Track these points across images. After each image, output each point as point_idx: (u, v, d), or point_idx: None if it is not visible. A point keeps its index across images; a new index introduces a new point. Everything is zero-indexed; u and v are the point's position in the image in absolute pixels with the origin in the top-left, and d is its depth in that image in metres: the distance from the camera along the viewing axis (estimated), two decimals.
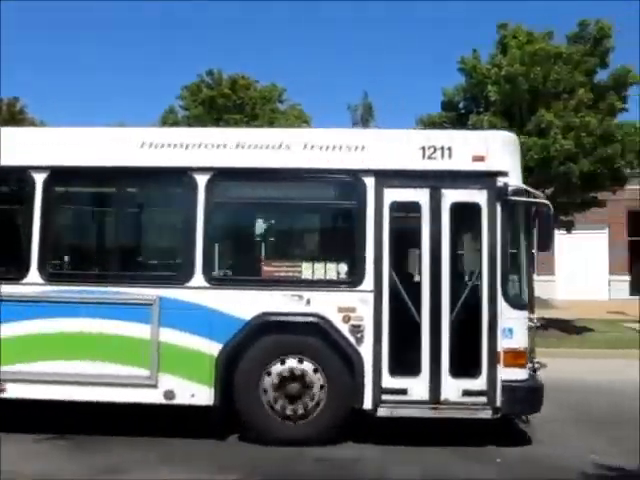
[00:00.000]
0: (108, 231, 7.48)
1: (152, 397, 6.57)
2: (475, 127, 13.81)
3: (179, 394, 6.56)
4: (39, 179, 6.64)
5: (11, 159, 6.63)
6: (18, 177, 6.89)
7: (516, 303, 6.58)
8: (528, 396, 6.52)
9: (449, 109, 16.43)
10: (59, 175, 6.76)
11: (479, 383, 6.49)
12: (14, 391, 6.53)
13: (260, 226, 7.48)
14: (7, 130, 7.33)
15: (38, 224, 6.62)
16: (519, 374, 6.51)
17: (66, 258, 7.09)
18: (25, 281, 6.58)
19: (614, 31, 15.10)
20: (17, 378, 6.51)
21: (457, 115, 16.16)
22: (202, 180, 6.63)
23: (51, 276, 6.64)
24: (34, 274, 6.58)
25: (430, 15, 50.94)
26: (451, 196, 6.63)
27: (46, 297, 6.55)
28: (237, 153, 6.73)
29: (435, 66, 48.56)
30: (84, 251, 7.52)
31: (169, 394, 6.58)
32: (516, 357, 6.49)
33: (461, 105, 16.49)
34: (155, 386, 6.57)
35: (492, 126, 13.17)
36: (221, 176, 6.70)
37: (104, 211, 7.62)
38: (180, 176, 6.76)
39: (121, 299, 6.58)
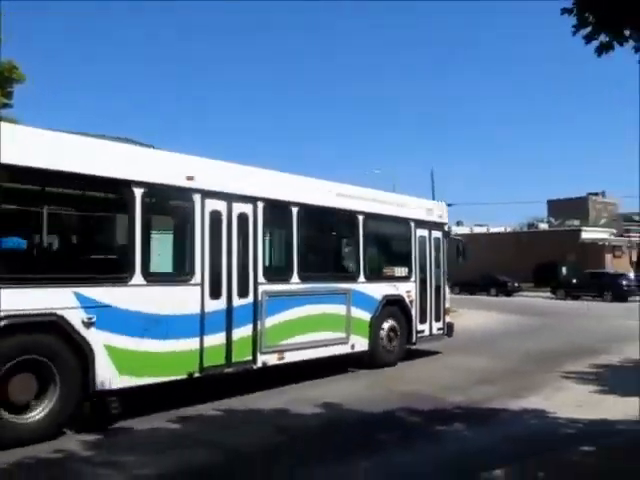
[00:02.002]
0: (331, 250, 12.12)
1: (345, 350, 11.08)
2: None
3: (356, 346, 11.28)
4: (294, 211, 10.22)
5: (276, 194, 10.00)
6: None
7: (448, 287, 14.40)
8: (452, 328, 14.13)
9: None
10: (310, 211, 10.56)
11: (441, 324, 13.78)
12: (288, 357, 9.85)
13: (380, 250, 12.85)
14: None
15: (296, 245, 10.13)
16: (449, 319, 14.11)
17: (306, 267, 10.33)
18: (291, 281, 10.03)
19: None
20: (288, 349, 9.83)
21: None
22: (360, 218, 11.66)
23: (303, 278, 10.14)
24: (296, 277, 10.07)
25: None
26: (434, 233, 13.77)
27: (301, 291, 10.14)
28: None
29: None
30: (318, 264, 11.31)
31: (353, 347, 11.22)
32: (449, 311, 14.22)
33: None
34: (347, 343, 11.08)
35: None
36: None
37: (332, 238, 12.17)
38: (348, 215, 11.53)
39: (332, 290, 10.79)
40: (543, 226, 61.42)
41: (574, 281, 40.12)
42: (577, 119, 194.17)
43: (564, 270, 45.89)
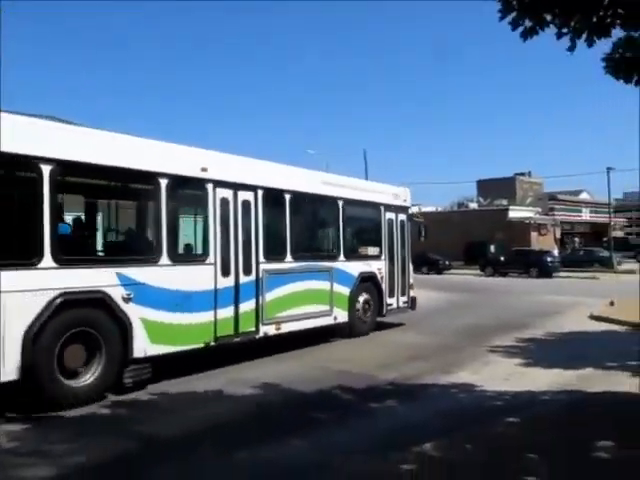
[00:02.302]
0: (317, 232, 13.68)
1: (329, 321, 12.45)
2: None
3: (338, 318, 12.67)
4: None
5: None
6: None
7: (413, 265, 16.07)
8: (415, 302, 15.52)
9: None
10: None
11: (406, 298, 15.26)
12: (284, 328, 11.06)
13: (356, 231, 14.36)
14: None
15: (289, 228, 11.41)
16: (413, 294, 15.50)
17: (297, 248, 11.57)
18: (286, 260, 11.32)
19: None
20: (284, 320, 11.07)
21: None
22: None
23: (295, 258, 11.47)
24: (289, 257, 11.38)
25: None
26: (400, 216, 15.25)
27: (294, 269, 11.44)
28: None
29: None
30: (307, 245, 12.48)
31: (335, 318, 12.58)
32: (412, 287, 15.55)
33: None
34: (330, 315, 12.47)
35: None
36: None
37: (318, 221, 13.62)
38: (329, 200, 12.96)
39: (318, 267, 12.20)
40: (473, 205, 63.07)
41: (502, 259, 41.51)
42: (504, 102, 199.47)
43: (492, 248, 47.29)
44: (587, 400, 7.79)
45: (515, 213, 55.60)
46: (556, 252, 45.08)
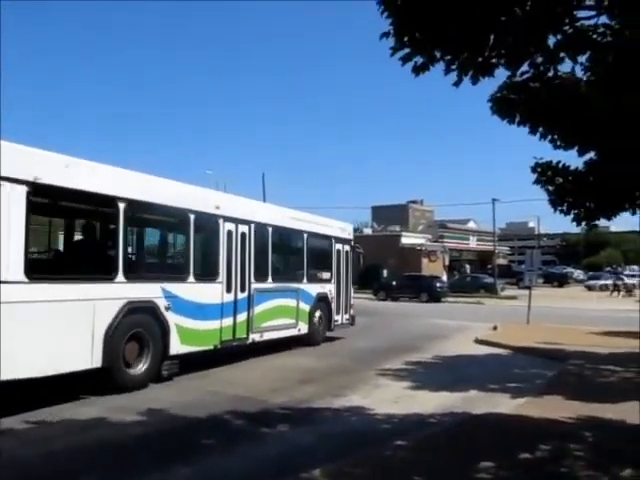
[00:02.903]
0: (288, 259, 16.08)
1: (294, 332, 14.85)
2: None
3: (301, 329, 15.13)
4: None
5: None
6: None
7: (354, 287, 18.99)
8: (354, 319, 18.31)
9: None
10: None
11: (348, 316, 17.92)
12: (265, 336, 13.51)
13: (315, 259, 16.27)
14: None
15: (270, 254, 14.03)
16: (352, 312, 18.21)
17: (276, 271, 14.19)
18: (267, 281, 13.64)
19: None
20: (266, 330, 13.49)
21: None
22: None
23: (274, 279, 13.86)
24: (270, 278, 13.73)
25: None
26: (345, 247, 17.85)
27: (273, 288, 13.82)
28: None
29: None
30: (282, 269, 15.30)
31: (299, 330, 15.04)
32: (352, 306, 18.29)
33: None
34: (296, 327, 14.90)
35: None
36: None
37: (289, 250, 16.06)
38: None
39: (289, 288, 14.61)
40: (367, 231, 64.52)
41: (394, 283, 42.62)
42: (397, 133, 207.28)
43: (385, 273, 48.53)
44: (471, 421, 8.05)
45: (407, 239, 57.46)
46: (445, 278, 46.90)
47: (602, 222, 9.68)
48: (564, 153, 8.05)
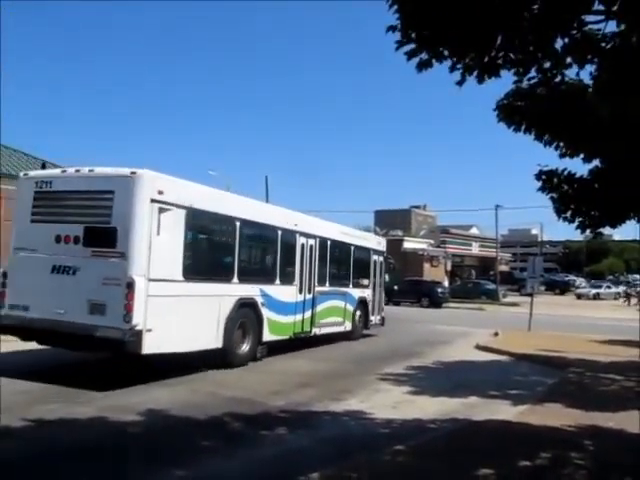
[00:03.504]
0: (340, 267, 17.97)
1: (342, 329, 17.59)
2: None
3: (346, 327, 17.88)
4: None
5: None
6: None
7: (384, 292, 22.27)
8: (384, 319, 21.26)
9: None
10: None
11: (380, 317, 20.97)
12: (322, 331, 16.22)
13: (358, 268, 18.88)
14: None
15: (329, 263, 16.87)
16: (383, 314, 21.34)
17: (331, 277, 16.87)
18: (325, 285, 16.50)
19: None
20: (323, 325, 16.20)
21: None
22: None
23: (330, 284, 16.67)
24: (327, 283, 16.49)
25: None
26: (380, 257, 20.98)
27: (328, 291, 16.52)
28: None
29: None
30: (335, 275, 17.34)
31: (347, 327, 17.87)
32: (383, 309, 21.60)
33: None
34: (343, 325, 17.67)
35: None
36: None
37: (342, 260, 18.01)
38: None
39: (340, 292, 17.33)
40: None
41: (395, 288, 42.45)
42: (401, 137, 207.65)
43: (387, 277, 48.40)
44: (471, 428, 8.01)
45: (409, 244, 57.32)
46: (446, 283, 46.79)
47: (606, 230, 9.65)
48: (569, 161, 8.03)
